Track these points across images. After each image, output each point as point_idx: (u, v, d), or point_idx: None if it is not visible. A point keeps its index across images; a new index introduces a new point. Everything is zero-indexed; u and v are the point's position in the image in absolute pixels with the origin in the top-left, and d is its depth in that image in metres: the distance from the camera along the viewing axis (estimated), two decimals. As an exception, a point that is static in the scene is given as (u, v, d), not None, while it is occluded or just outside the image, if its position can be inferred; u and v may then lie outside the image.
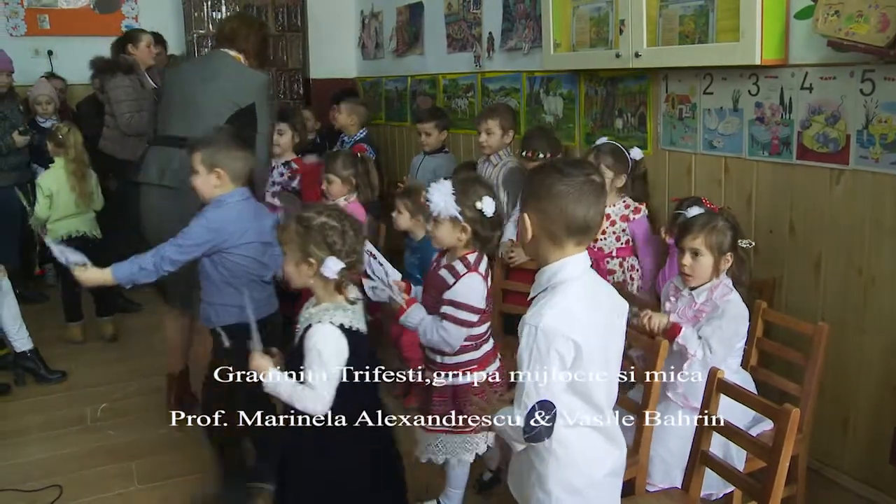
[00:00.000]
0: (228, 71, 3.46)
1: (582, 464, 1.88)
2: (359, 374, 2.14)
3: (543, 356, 1.73)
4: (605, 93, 4.07)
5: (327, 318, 2.12)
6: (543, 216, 1.80)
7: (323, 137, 6.00)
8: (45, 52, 6.79)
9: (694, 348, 2.55)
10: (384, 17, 6.59)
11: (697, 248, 2.65)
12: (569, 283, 1.80)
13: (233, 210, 2.77)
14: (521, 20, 4.68)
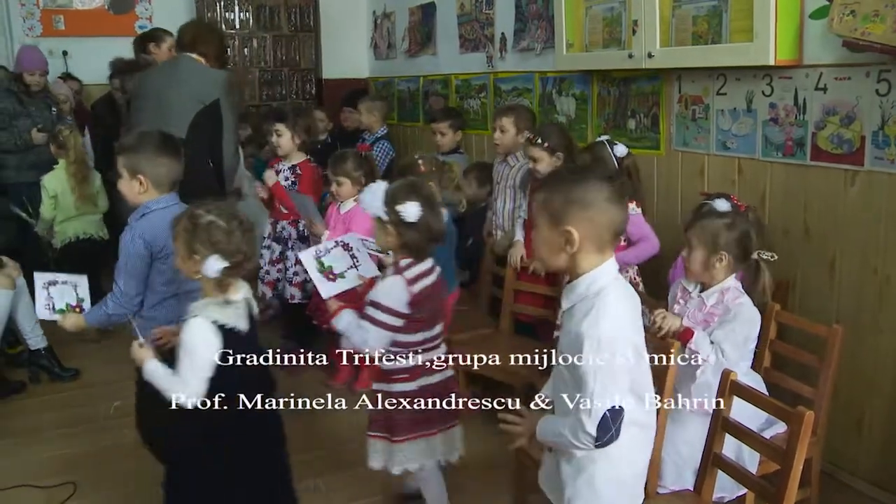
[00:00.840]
0: (194, 73, 3.72)
1: (630, 460, 1.94)
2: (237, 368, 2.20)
3: (610, 365, 1.76)
4: (617, 93, 4.06)
5: (203, 313, 2.18)
6: (593, 225, 1.80)
7: (335, 138, 6.01)
8: (59, 53, 6.82)
9: (707, 353, 2.53)
10: (396, 18, 6.59)
11: (691, 240, 2.63)
12: (609, 288, 1.82)
13: (159, 216, 2.62)
14: (533, 20, 4.67)
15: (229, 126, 3.69)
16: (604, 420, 1.77)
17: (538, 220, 1.88)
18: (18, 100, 5.16)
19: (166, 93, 3.60)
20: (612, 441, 1.81)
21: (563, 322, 1.92)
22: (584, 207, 1.79)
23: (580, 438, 1.80)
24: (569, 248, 1.81)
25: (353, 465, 3.28)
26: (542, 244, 1.88)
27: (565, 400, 1.89)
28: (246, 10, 6.72)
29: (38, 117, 5.21)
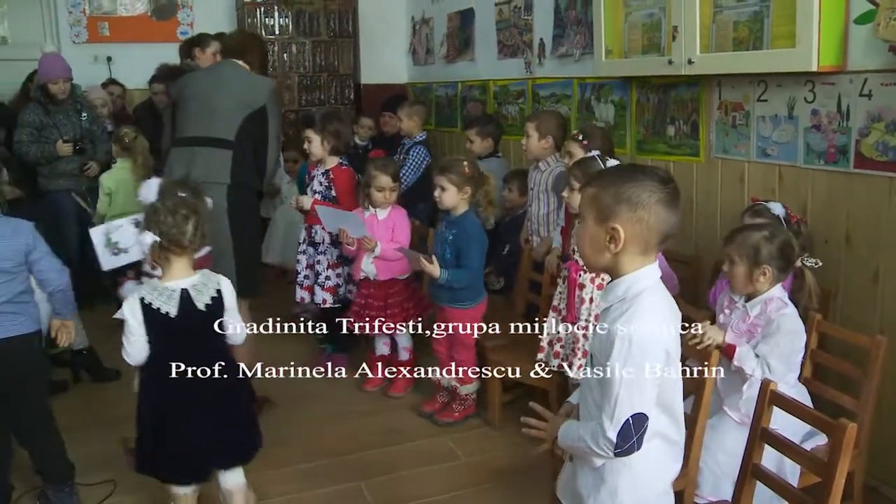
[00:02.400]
0: (239, 77, 3.77)
1: (654, 475, 1.87)
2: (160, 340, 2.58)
3: (639, 369, 1.70)
4: (656, 100, 4.03)
5: (138, 291, 2.60)
6: (640, 225, 1.72)
7: (375, 143, 6.05)
8: (104, 59, 6.95)
9: (751, 368, 2.49)
10: (435, 24, 6.61)
11: (731, 255, 2.61)
12: (649, 292, 1.76)
13: None
14: (572, 26, 4.66)
15: (273, 133, 3.74)
16: (626, 426, 1.70)
17: (585, 214, 1.81)
18: (45, 110, 5.17)
19: (212, 97, 3.65)
20: (633, 451, 1.73)
21: (598, 322, 1.86)
22: (634, 207, 1.72)
23: (600, 444, 1.74)
24: (613, 246, 1.74)
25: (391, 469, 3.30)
26: (586, 240, 1.81)
27: (590, 405, 1.85)
28: (286, 15, 6.78)
29: (64, 126, 5.22)
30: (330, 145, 4.13)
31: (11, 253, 2.71)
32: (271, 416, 3.80)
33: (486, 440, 3.55)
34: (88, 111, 5.42)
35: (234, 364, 2.76)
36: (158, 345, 2.58)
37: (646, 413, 1.72)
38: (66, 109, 5.26)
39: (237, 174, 3.57)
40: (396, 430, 3.63)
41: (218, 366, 2.65)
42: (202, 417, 2.64)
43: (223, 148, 3.58)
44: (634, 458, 1.78)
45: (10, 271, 2.72)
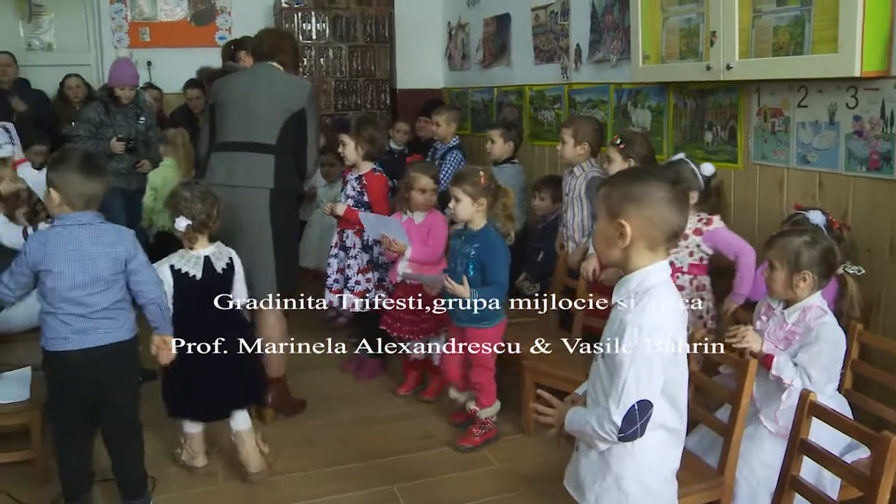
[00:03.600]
0: (278, 80, 3.76)
1: (656, 463, 1.94)
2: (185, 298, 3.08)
3: (647, 358, 1.79)
4: (694, 105, 4.00)
5: (168, 260, 3.11)
6: (646, 222, 1.83)
7: (411, 148, 6.06)
8: (144, 63, 7.06)
9: (790, 377, 2.45)
10: (471, 29, 6.62)
11: (772, 261, 2.58)
12: (659, 287, 1.86)
13: (46, 234, 2.70)
14: (609, 32, 4.63)
15: (313, 135, 3.76)
16: (631, 412, 1.79)
17: (599, 212, 1.94)
18: (106, 110, 5.31)
19: (251, 101, 3.65)
20: (636, 437, 1.82)
21: (610, 316, 1.95)
22: (640, 204, 1.83)
23: (605, 427, 1.83)
24: (621, 241, 1.85)
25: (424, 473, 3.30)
26: (600, 237, 1.94)
27: (598, 393, 1.92)
28: (323, 20, 6.83)
29: (121, 127, 5.34)
30: (364, 150, 4.14)
31: (111, 261, 2.68)
32: (306, 418, 3.82)
33: (519, 446, 3.54)
34: (147, 116, 5.57)
35: (243, 321, 3.33)
36: (183, 303, 3.07)
37: (651, 401, 1.80)
38: (125, 111, 5.40)
39: (280, 179, 3.59)
40: (430, 435, 3.64)
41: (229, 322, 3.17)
42: (216, 366, 3.11)
43: (265, 153, 3.59)
44: (639, 447, 1.88)
45: (108, 279, 2.68)
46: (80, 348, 2.66)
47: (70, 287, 2.62)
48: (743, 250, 3.20)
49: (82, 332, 2.66)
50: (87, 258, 2.63)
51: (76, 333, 2.65)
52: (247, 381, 3.29)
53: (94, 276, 2.64)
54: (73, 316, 2.64)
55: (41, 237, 2.68)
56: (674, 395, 1.90)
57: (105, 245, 2.68)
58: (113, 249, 2.69)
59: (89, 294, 2.64)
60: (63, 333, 2.65)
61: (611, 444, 1.89)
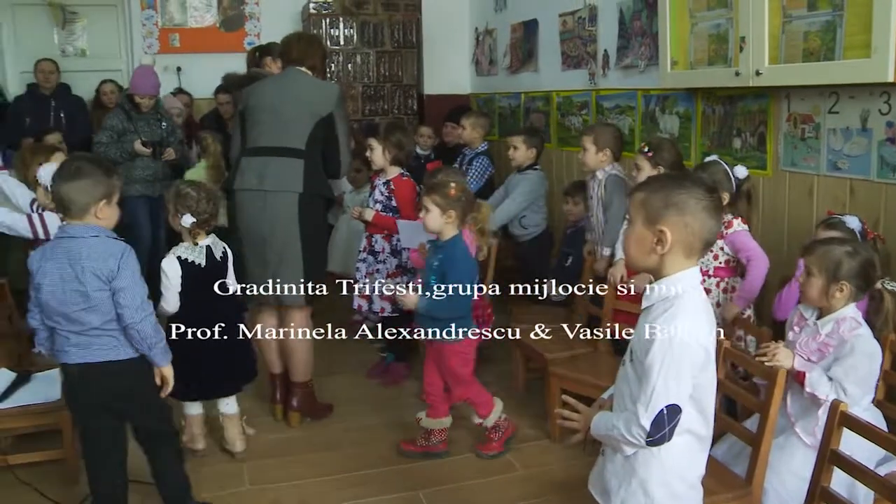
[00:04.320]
0: (306, 86, 3.79)
1: (683, 468, 1.94)
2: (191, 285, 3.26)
3: (677, 362, 1.79)
4: (722, 112, 3.98)
5: (174, 251, 3.30)
6: (685, 229, 1.83)
7: (438, 153, 6.08)
8: (174, 69, 7.15)
9: (825, 393, 2.41)
10: (498, 34, 6.63)
11: (810, 267, 2.55)
12: (690, 293, 1.86)
13: (44, 247, 2.61)
14: (637, 37, 4.62)
15: (343, 138, 3.77)
16: (659, 416, 1.79)
17: (634, 217, 1.92)
18: (128, 116, 5.33)
19: (281, 107, 3.68)
20: (664, 441, 1.82)
21: (639, 321, 1.95)
22: (682, 212, 1.83)
23: (633, 432, 1.83)
24: (659, 248, 1.85)
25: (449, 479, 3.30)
26: (634, 242, 1.92)
27: (625, 397, 1.92)
28: (350, 26, 6.87)
29: (144, 133, 5.35)
30: (391, 155, 4.15)
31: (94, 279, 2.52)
32: (331, 422, 3.84)
33: (544, 452, 3.53)
34: (168, 121, 5.60)
35: (240, 305, 3.59)
36: (191, 289, 3.27)
37: (679, 405, 1.80)
38: (147, 118, 5.43)
39: (309, 183, 3.60)
40: (455, 441, 3.63)
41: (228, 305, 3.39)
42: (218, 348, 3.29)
43: (295, 157, 3.61)
44: (665, 452, 1.88)
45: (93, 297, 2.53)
46: (78, 363, 2.59)
47: (57, 302, 2.53)
48: (755, 256, 3.18)
49: (80, 346, 2.59)
50: (70, 274, 2.52)
51: (75, 347, 2.59)
52: (246, 362, 3.49)
53: (77, 292, 2.52)
54: (69, 331, 2.58)
55: (40, 250, 2.61)
56: (702, 400, 1.89)
57: (91, 261, 2.52)
58: (97, 266, 2.52)
59: (77, 311, 2.53)
60: (63, 346, 2.60)
61: (638, 449, 1.89)
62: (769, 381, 2.39)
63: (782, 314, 2.97)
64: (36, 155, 4.05)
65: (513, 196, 4.75)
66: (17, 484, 3.19)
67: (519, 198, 4.73)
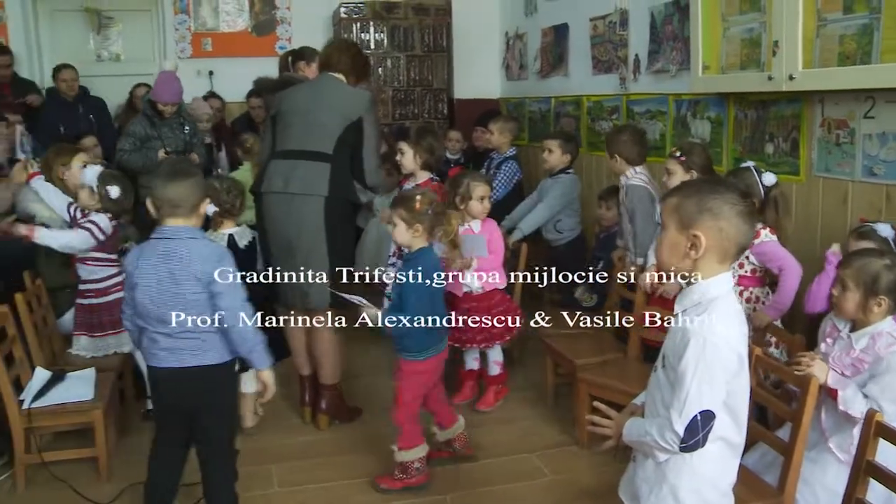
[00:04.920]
0: (337, 90, 3.83)
1: (714, 475, 1.93)
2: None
3: (711, 368, 1.78)
4: (755, 116, 3.94)
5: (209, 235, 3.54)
6: (720, 234, 1.83)
7: (467, 157, 6.08)
8: (206, 73, 7.22)
9: (860, 411, 2.34)
10: (528, 39, 6.63)
11: (846, 281, 2.50)
12: (723, 299, 1.86)
13: (142, 246, 2.64)
14: (668, 42, 4.60)
15: (371, 142, 3.78)
16: (693, 422, 1.78)
17: (667, 222, 1.91)
18: (151, 123, 5.31)
19: (313, 111, 3.72)
20: (698, 447, 1.81)
21: (671, 326, 1.95)
22: (716, 217, 1.82)
23: (666, 437, 1.82)
24: (693, 252, 1.84)
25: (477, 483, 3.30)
26: (667, 247, 1.91)
27: (657, 403, 1.92)
28: (381, 30, 6.89)
29: (168, 139, 5.35)
30: (422, 159, 4.16)
31: (193, 280, 2.54)
32: (358, 425, 3.85)
33: (573, 458, 3.52)
34: (191, 125, 5.59)
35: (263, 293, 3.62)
36: None
37: (713, 411, 1.80)
38: (170, 123, 5.40)
39: (334, 188, 3.62)
40: (483, 446, 3.63)
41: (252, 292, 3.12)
42: None
43: (321, 161, 3.63)
44: (696, 459, 1.87)
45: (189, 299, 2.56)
46: (165, 367, 2.61)
47: (151, 303, 2.54)
48: (787, 265, 3.13)
49: (167, 350, 2.59)
50: (168, 274, 2.53)
51: (163, 351, 2.60)
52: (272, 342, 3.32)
53: (173, 293, 2.53)
54: (158, 334, 2.58)
55: (138, 249, 2.62)
56: (735, 406, 1.89)
57: (192, 263, 2.53)
58: (198, 268, 2.53)
59: (170, 312, 2.54)
60: (152, 349, 2.62)
61: (671, 455, 1.88)
62: (801, 389, 2.36)
63: (811, 307, 2.94)
64: (59, 156, 4.08)
65: (546, 200, 4.75)
66: (52, 480, 3.24)
67: (552, 202, 4.74)
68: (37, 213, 3.90)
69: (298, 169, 3.64)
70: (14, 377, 3.29)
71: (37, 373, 3.42)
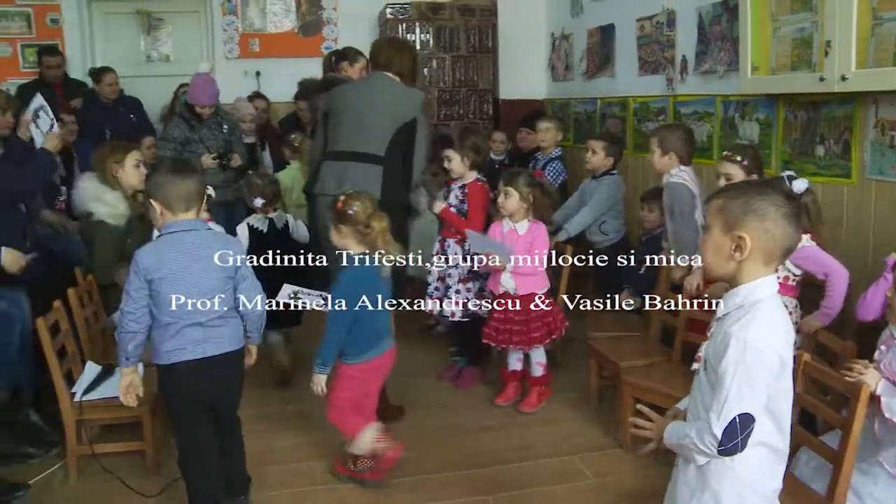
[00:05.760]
0: (391, 91, 3.84)
1: (757, 481, 1.90)
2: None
3: (751, 370, 1.76)
4: (805, 118, 3.88)
5: (247, 220, 4.39)
6: (766, 236, 1.81)
7: (512, 158, 6.07)
8: (253, 73, 7.32)
9: None
10: (574, 39, 6.60)
11: None
12: (767, 301, 1.83)
13: (157, 243, 2.69)
14: (716, 42, 4.54)
15: (422, 144, 3.82)
16: (731, 425, 1.76)
17: (711, 223, 1.90)
18: (189, 126, 5.35)
19: (365, 112, 3.73)
20: (736, 451, 1.79)
21: (715, 329, 1.93)
22: (762, 218, 1.81)
23: (704, 440, 1.81)
24: (738, 254, 1.83)
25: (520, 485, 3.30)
26: (711, 248, 1.90)
27: (699, 407, 1.91)
28: (427, 31, 6.91)
29: (208, 140, 5.38)
30: (470, 160, 4.17)
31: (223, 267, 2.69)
32: (402, 425, 3.86)
33: (616, 461, 3.49)
34: (229, 124, 5.60)
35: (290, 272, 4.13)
36: (254, 249, 4.05)
37: (753, 415, 1.77)
38: (209, 124, 5.43)
39: (387, 191, 3.63)
40: (526, 447, 3.62)
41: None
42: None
43: (374, 163, 3.67)
44: (738, 464, 1.85)
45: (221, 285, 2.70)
46: (196, 358, 2.67)
47: (188, 293, 2.61)
48: (832, 269, 3.07)
49: (197, 342, 2.67)
50: (201, 263, 2.64)
51: (192, 343, 2.66)
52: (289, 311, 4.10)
53: (210, 280, 2.65)
54: (190, 326, 2.64)
55: (153, 246, 2.67)
56: (777, 411, 1.86)
57: (216, 249, 2.67)
58: (223, 254, 2.68)
59: (205, 301, 2.65)
60: (180, 344, 2.65)
61: (710, 458, 1.86)
62: (852, 396, 2.32)
63: (864, 314, 2.88)
64: (113, 153, 4.11)
65: (591, 203, 4.73)
66: (102, 472, 3.31)
67: (598, 204, 4.73)
68: (94, 210, 3.99)
69: (350, 171, 3.67)
70: (66, 371, 3.37)
71: (88, 367, 3.51)
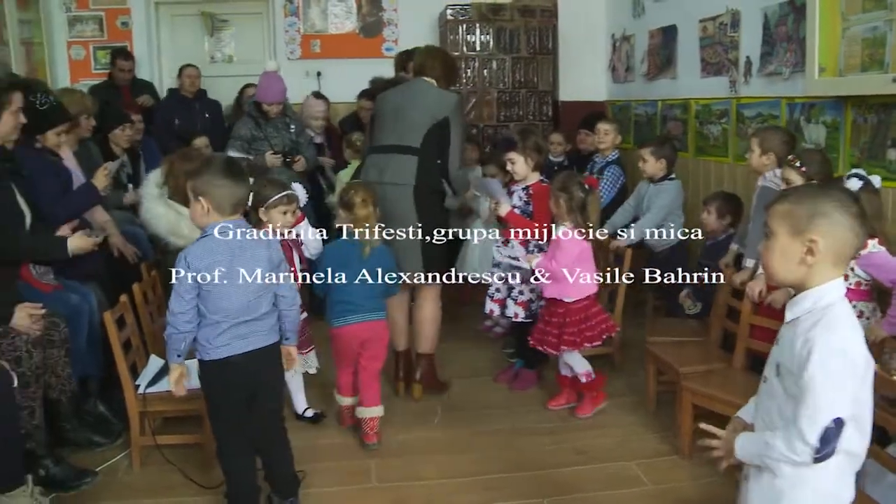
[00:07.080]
0: (426, 93, 4.20)
1: (835, 491, 1.87)
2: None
3: (840, 374, 1.74)
4: (875, 121, 3.77)
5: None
6: (835, 240, 1.79)
7: (571, 160, 6.03)
8: (314, 74, 7.41)
9: None
10: (636, 40, 6.53)
11: None
12: (838, 304, 1.81)
13: (205, 242, 2.69)
14: (781, 43, 4.45)
15: (456, 142, 4.13)
16: (826, 432, 1.73)
17: (776, 229, 1.86)
18: (256, 124, 5.44)
19: (405, 111, 4.12)
20: (829, 457, 1.76)
21: (783, 334, 1.90)
22: (831, 220, 1.79)
23: (796, 450, 1.76)
24: (809, 258, 1.80)
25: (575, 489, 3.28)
26: (778, 255, 1.86)
27: (773, 415, 1.87)
28: (487, 32, 6.90)
29: (274, 139, 5.45)
30: (533, 162, 4.22)
31: (268, 266, 2.77)
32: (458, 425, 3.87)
33: (674, 468, 3.44)
34: (296, 124, 5.68)
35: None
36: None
37: (844, 419, 1.74)
38: (275, 123, 5.51)
39: (421, 176, 4.05)
40: (582, 451, 3.59)
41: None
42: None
43: (410, 154, 4.06)
44: (816, 473, 1.81)
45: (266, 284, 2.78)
46: (241, 352, 2.74)
47: (237, 293, 2.69)
48: None
49: (242, 337, 2.73)
50: (250, 263, 2.71)
51: (237, 339, 2.73)
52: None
53: (257, 280, 2.72)
54: (238, 323, 2.71)
55: (203, 247, 2.68)
56: (860, 416, 1.82)
57: (261, 249, 2.76)
58: (268, 254, 2.78)
59: (254, 299, 2.74)
60: (225, 340, 2.70)
61: (802, 466, 1.81)
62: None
63: None
64: (185, 161, 4.13)
65: (653, 210, 4.70)
66: (164, 462, 3.40)
67: (660, 211, 4.69)
68: (171, 242, 4.10)
69: (391, 161, 4.08)
70: (131, 363, 3.46)
71: (151, 360, 3.59)
